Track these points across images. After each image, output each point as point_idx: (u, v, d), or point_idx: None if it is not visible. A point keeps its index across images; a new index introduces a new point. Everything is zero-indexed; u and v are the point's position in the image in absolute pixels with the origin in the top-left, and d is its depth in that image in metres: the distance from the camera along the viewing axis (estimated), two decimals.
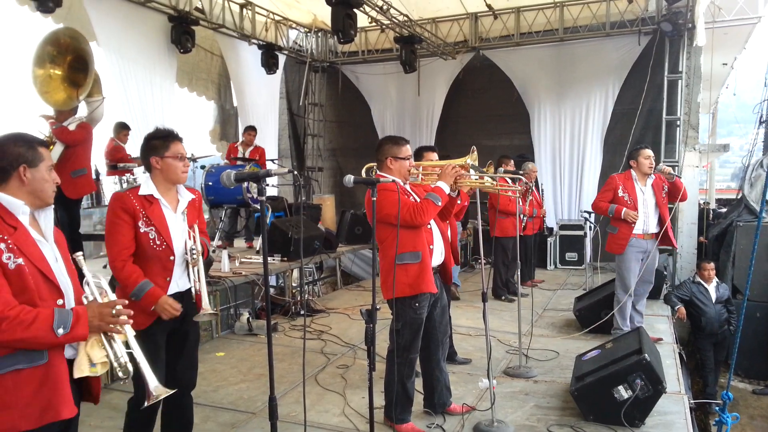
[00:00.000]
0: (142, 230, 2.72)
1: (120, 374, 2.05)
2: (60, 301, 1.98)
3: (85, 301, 2.04)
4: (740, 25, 9.40)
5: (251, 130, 8.24)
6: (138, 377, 2.78)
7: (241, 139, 8.31)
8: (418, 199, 3.45)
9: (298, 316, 6.33)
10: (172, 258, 2.77)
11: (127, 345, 2.07)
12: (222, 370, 4.71)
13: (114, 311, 1.98)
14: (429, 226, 3.50)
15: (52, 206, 2.10)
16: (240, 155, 8.02)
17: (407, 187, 3.53)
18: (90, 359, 1.99)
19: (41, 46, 5.02)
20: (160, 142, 2.81)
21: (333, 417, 3.77)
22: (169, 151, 2.79)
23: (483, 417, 3.66)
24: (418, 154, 4.45)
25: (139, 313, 2.68)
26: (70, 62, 5.08)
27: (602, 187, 5.43)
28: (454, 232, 4.71)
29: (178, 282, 2.83)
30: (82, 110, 5.15)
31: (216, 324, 5.79)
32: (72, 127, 4.92)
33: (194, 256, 2.81)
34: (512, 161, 7.18)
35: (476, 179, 3.66)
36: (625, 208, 5.05)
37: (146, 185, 2.80)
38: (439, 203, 3.34)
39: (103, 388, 4.38)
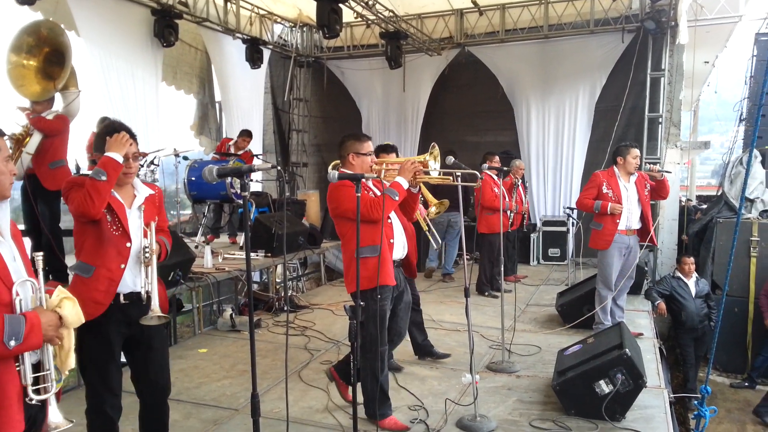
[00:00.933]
0: None
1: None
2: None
3: (20, 304, 1.86)
4: (722, 24, 9.51)
5: (246, 135, 8.12)
6: (88, 383, 2.73)
7: (234, 138, 8.20)
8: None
9: (282, 312, 6.30)
10: (128, 245, 2.67)
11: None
12: (204, 367, 4.68)
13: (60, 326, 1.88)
14: (389, 221, 3.54)
15: (8, 200, 1.99)
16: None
17: (369, 182, 3.56)
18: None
19: (19, 35, 4.96)
20: (107, 139, 2.69)
21: (316, 413, 3.77)
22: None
23: (466, 411, 3.68)
24: (375, 153, 4.48)
25: (90, 303, 2.58)
26: (46, 54, 5.01)
27: (586, 185, 5.44)
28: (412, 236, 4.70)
29: (135, 280, 2.71)
30: (58, 103, 5.09)
31: (198, 320, 5.76)
32: (50, 118, 4.88)
33: (147, 255, 2.69)
34: (497, 157, 7.22)
35: (437, 175, 3.68)
36: (610, 203, 5.10)
37: None
38: (397, 198, 3.39)
39: (78, 386, 4.33)
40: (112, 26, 7.25)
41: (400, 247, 3.61)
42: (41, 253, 1.97)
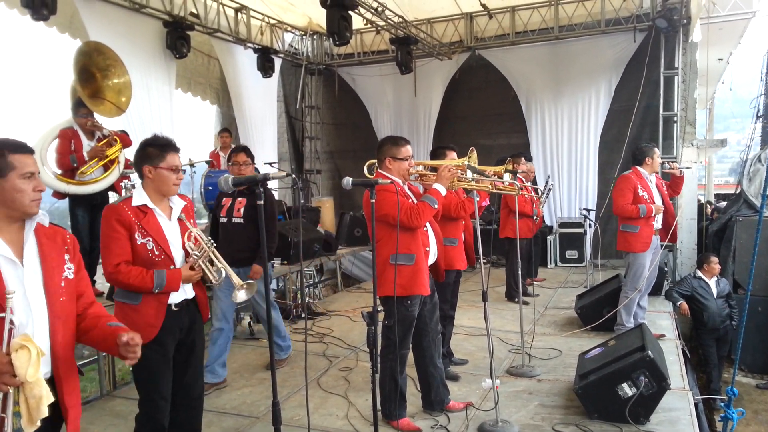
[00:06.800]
0: (139, 242, 2.65)
1: None
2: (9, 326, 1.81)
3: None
4: (735, 20, 9.43)
5: (225, 132, 8.20)
6: (143, 390, 2.77)
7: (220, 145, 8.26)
8: (416, 201, 3.48)
9: (300, 319, 6.31)
10: (172, 267, 2.71)
11: None
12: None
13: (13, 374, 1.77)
14: (425, 229, 3.55)
15: (35, 219, 1.96)
16: (222, 159, 7.98)
17: (405, 187, 3.55)
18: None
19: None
20: (157, 151, 2.73)
21: (337, 420, 3.76)
22: (164, 162, 2.70)
23: (487, 417, 3.66)
24: (438, 152, 4.51)
25: (144, 327, 2.63)
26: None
27: (618, 190, 5.20)
28: (470, 231, 4.72)
29: (185, 288, 2.78)
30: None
31: None
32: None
33: (199, 252, 2.73)
34: (523, 159, 7.14)
35: (474, 181, 3.71)
36: (653, 205, 5.07)
37: (138, 195, 2.72)
38: (435, 206, 3.41)
39: (106, 394, 4.38)
40: (125, 39, 7.33)
41: (432, 254, 3.63)
42: (13, 291, 1.85)
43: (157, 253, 2.67)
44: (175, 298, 2.74)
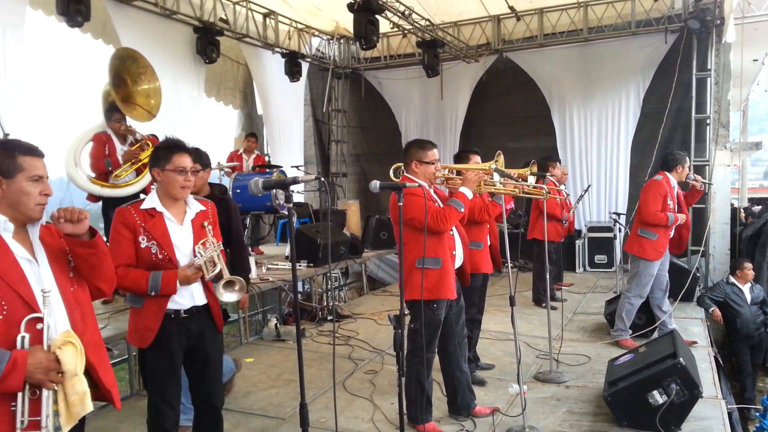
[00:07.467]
0: (143, 245, 2.65)
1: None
2: (39, 326, 1.86)
3: (21, 340, 1.84)
4: None
5: (251, 136, 8.32)
6: (149, 395, 2.79)
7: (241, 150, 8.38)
8: (442, 205, 3.48)
9: (326, 321, 6.34)
10: None
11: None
12: (251, 376, 4.74)
13: (60, 373, 1.82)
14: (451, 232, 3.56)
15: (39, 222, 1.98)
16: (245, 162, 8.10)
17: (431, 191, 3.56)
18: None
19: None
20: (163, 153, 2.72)
21: (362, 423, 3.77)
22: (170, 164, 2.69)
23: (514, 422, 3.63)
24: (462, 156, 4.52)
25: (143, 331, 2.67)
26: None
27: (651, 194, 5.04)
28: (495, 235, 4.71)
29: (194, 295, 2.75)
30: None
31: (245, 330, 5.84)
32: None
33: (202, 254, 2.66)
34: (558, 163, 7.06)
35: (501, 185, 3.70)
36: (680, 215, 5.03)
37: (150, 198, 2.75)
38: (462, 209, 3.41)
39: (136, 393, 4.46)
40: (156, 45, 7.47)
41: (458, 257, 3.63)
42: (49, 290, 1.90)
43: (160, 257, 2.66)
44: (183, 304, 2.72)
